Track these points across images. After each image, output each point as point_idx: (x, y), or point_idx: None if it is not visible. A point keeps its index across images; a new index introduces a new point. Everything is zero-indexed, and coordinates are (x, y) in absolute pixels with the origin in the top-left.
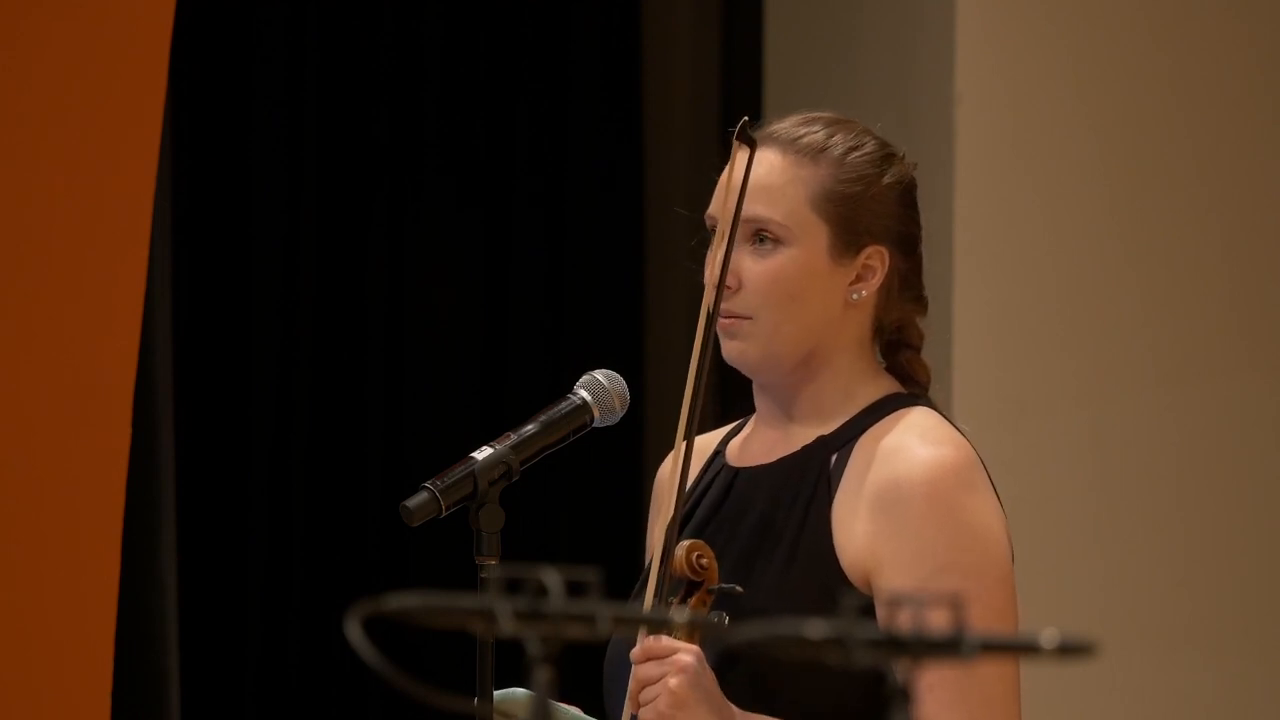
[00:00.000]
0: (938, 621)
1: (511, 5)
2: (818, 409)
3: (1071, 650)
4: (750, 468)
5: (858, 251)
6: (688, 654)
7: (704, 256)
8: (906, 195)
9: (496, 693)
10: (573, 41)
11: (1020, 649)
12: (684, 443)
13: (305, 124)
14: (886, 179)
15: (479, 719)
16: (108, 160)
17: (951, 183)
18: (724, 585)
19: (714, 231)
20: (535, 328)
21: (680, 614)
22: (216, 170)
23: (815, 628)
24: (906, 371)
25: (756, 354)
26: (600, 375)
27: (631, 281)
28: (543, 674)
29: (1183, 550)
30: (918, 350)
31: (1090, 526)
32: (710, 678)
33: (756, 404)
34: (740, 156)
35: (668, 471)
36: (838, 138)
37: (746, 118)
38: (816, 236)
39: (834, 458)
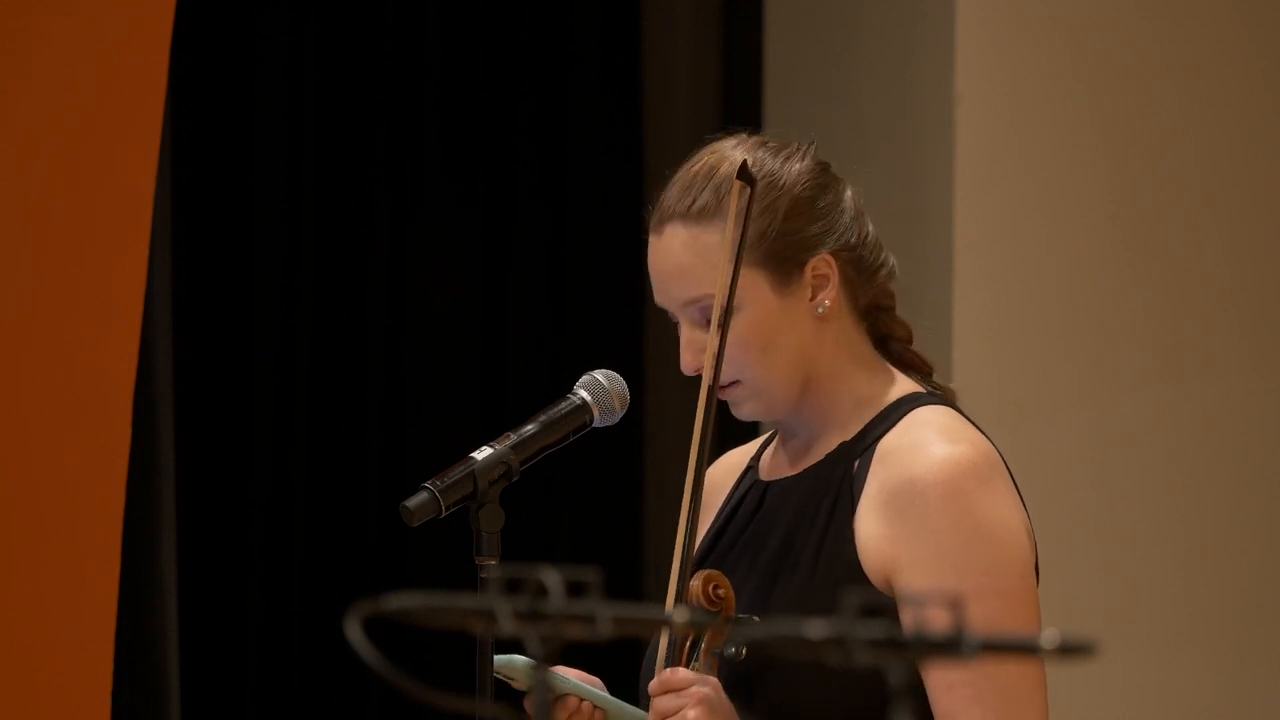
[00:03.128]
0: (940, 621)
1: (512, 5)
2: (836, 419)
3: (1071, 650)
4: (779, 480)
5: (801, 271)
6: (705, 686)
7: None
8: (818, 187)
9: (497, 657)
10: (573, 42)
11: (1020, 649)
12: (691, 493)
13: (305, 123)
14: (792, 190)
15: (479, 719)
16: (108, 160)
17: (951, 183)
18: (741, 615)
19: (674, 318)
20: (535, 328)
21: (680, 614)
22: (216, 170)
23: (815, 628)
24: (885, 332)
25: (762, 409)
26: (600, 375)
27: (631, 282)
28: (543, 674)
29: (1183, 550)
30: (891, 310)
31: (1090, 527)
32: (729, 708)
33: (780, 428)
34: (734, 200)
35: (717, 474)
36: (729, 176)
37: (746, 159)
38: (756, 285)
39: (856, 463)
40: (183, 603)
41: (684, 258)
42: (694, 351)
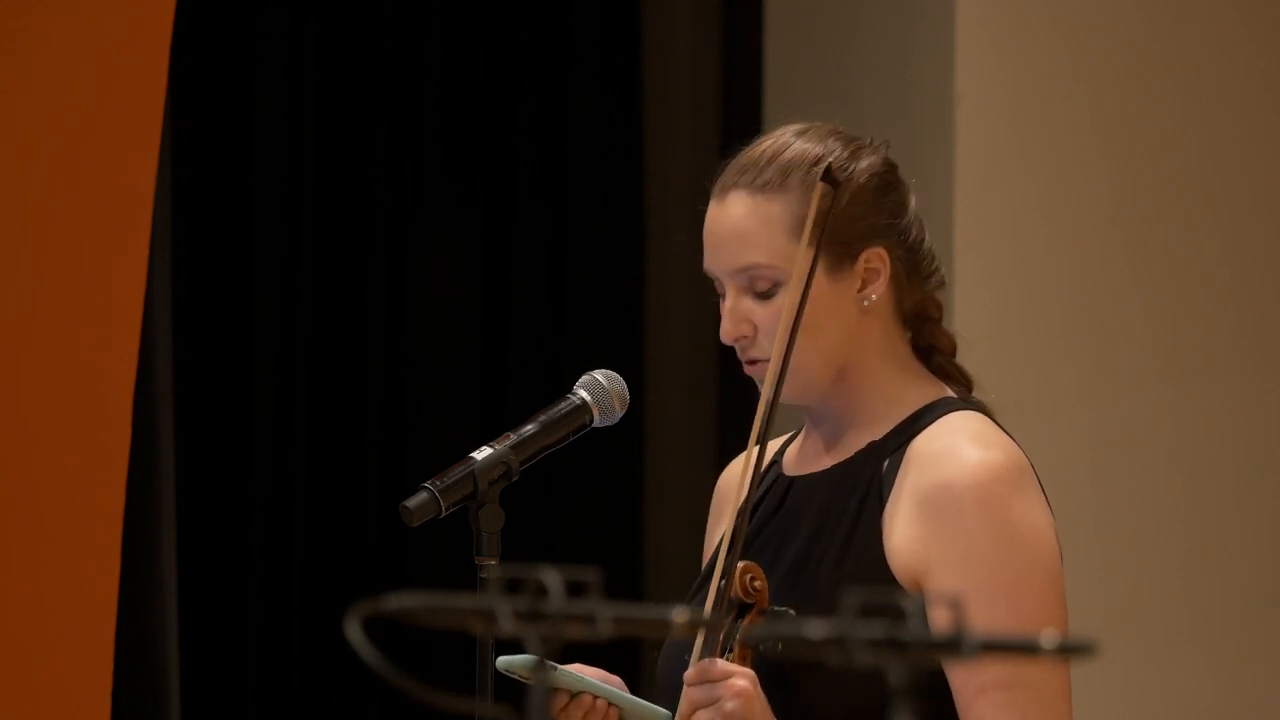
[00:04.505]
0: (941, 621)
1: (512, 5)
2: (866, 416)
3: (1071, 650)
4: (804, 475)
5: (854, 260)
6: (743, 678)
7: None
8: (884, 184)
9: (502, 657)
10: (573, 42)
11: (1021, 649)
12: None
13: (305, 123)
14: (859, 179)
15: (479, 719)
16: (108, 160)
17: (951, 183)
18: (776, 608)
19: (720, 288)
20: (535, 328)
21: (680, 613)
22: (216, 170)
23: (816, 627)
24: (931, 343)
25: (790, 391)
26: (600, 375)
27: (631, 281)
28: (543, 674)
29: (1183, 550)
30: (938, 321)
31: (1090, 527)
32: (764, 702)
33: (807, 414)
34: (817, 195)
35: (727, 479)
36: (799, 157)
37: (830, 163)
38: (809, 263)
39: (885, 463)
40: (183, 603)
41: (744, 224)
42: (735, 320)
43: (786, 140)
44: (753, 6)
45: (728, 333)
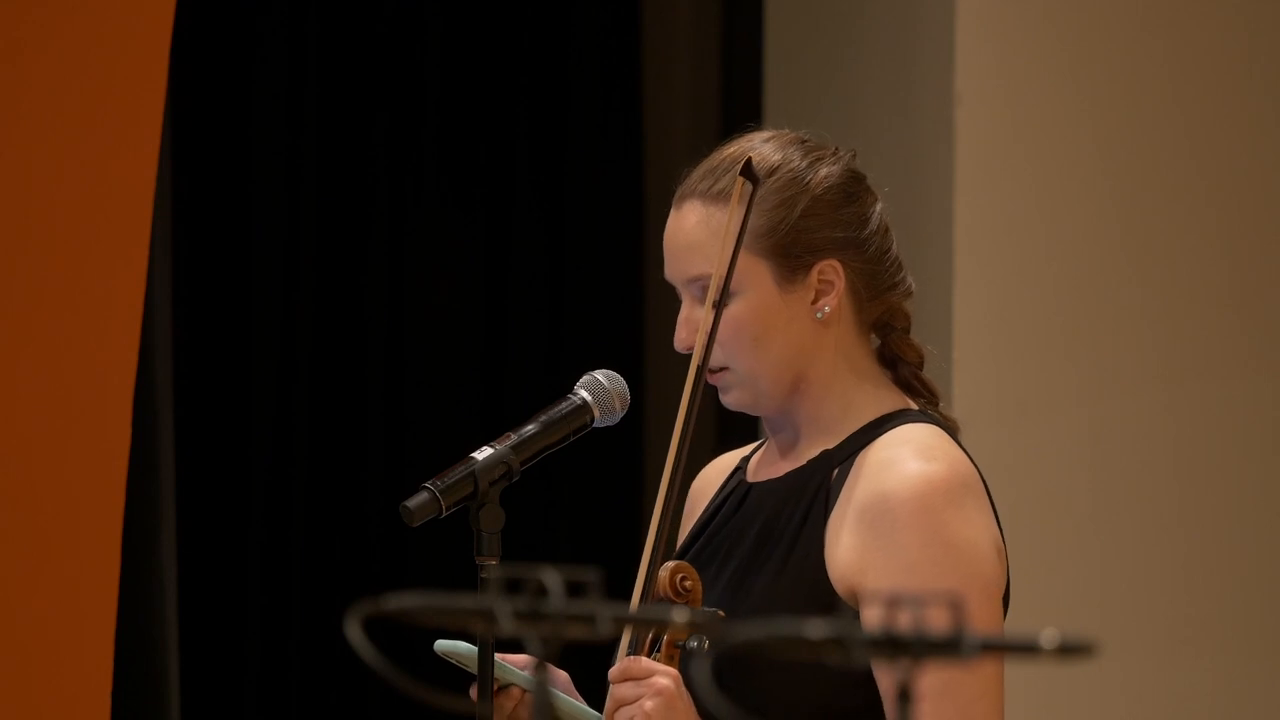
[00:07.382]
0: (936, 622)
1: (512, 5)
2: (822, 425)
3: (1071, 650)
4: (762, 482)
5: (808, 271)
6: (665, 677)
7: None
8: (843, 195)
9: (441, 641)
10: (573, 43)
11: (1020, 649)
12: (668, 485)
13: (305, 124)
14: (813, 190)
15: (479, 719)
16: (108, 160)
17: (951, 183)
18: (707, 609)
19: (680, 295)
20: (535, 328)
21: (680, 613)
22: (217, 170)
23: (815, 628)
24: (895, 354)
25: (748, 399)
26: (600, 375)
27: (631, 281)
28: (543, 674)
29: (1183, 550)
30: (905, 331)
31: (1090, 527)
32: (687, 700)
33: (765, 425)
34: (737, 196)
35: (710, 475)
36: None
37: (750, 157)
38: (759, 274)
39: (835, 472)
40: (183, 603)
41: (695, 234)
42: (688, 329)
43: (745, 149)
44: (753, 6)
45: (680, 341)
